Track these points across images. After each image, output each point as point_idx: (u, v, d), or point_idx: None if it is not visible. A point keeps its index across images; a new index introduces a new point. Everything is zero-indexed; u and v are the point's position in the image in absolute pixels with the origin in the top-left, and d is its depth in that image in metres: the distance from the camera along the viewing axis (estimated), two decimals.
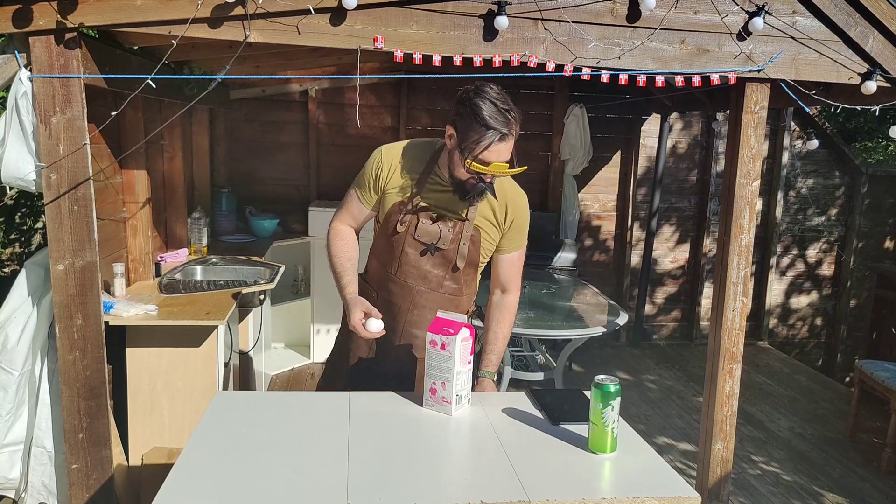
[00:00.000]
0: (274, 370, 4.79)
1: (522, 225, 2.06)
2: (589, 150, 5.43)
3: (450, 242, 1.96)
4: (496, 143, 1.76)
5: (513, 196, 2.01)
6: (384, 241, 2.02)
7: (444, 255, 1.97)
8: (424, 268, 1.98)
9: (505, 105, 1.76)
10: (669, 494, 1.37)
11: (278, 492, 1.32)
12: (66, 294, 2.40)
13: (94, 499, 2.54)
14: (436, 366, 1.72)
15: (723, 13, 2.68)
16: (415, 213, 1.95)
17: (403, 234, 1.96)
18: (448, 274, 2.00)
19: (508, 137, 1.77)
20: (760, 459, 3.93)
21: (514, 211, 2.01)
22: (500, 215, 2.00)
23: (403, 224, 1.95)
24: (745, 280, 3.00)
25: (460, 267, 1.99)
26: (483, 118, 1.75)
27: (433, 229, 1.95)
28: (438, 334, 1.71)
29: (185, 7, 2.26)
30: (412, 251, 1.97)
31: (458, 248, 1.96)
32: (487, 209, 1.97)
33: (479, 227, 1.98)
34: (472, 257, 1.99)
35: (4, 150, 2.33)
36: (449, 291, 2.02)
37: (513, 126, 1.77)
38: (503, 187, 1.99)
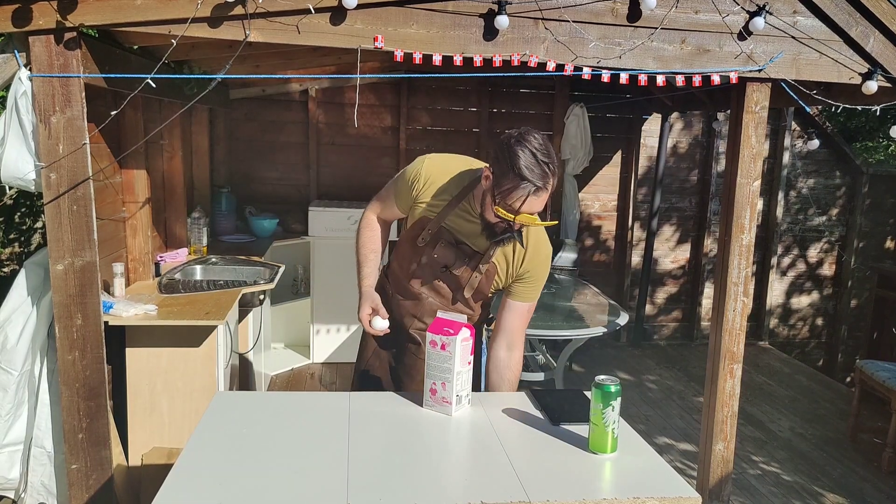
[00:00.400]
0: (274, 370, 4.79)
1: (540, 276, 2.01)
2: (589, 150, 5.43)
3: (462, 270, 1.97)
4: (530, 196, 1.71)
5: (536, 244, 1.97)
6: (406, 246, 2.04)
7: (454, 279, 2.00)
8: (436, 283, 2.02)
9: (545, 158, 1.71)
10: (670, 495, 1.37)
11: (278, 492, 1.32)
12: (65, 294, 2.40)
13: (94, 499, 2.54)
14: (436, 366, 1.71)
15: (723, 13, 2.67)
16: (439, 233, 1.96)
17: (423, 248, 1.98)
18: (455, 297, 2.04)
19: (542, 191, 1.72)
20: (761, 459, 3.92)
21: (533, 259, 1.97)
22: (517, 259, 1.97)
23: (425, 240, 1.97)
24: (745, 280, 3.00)
25: (467, 296, 2.02)
26: (520, 168, 1.69)
27: (450, 253, 1.97)
28: (438, 334, 1.71)
29: (185, 6, 2.25)
30: (427, 267, 2.00)
31: (470, 278, 1.98)
32: (508, 248, 1.95)
33: (496, 262, 1.97)
34: (481, 289, 2.02)
35: (4, 150, 2.33)
36: (459, 309, 2.05)
37: (549, 180, 1.72)
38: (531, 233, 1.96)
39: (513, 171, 1.70)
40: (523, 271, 1.98)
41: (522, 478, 1.40)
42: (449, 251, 1.97)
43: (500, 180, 1.73)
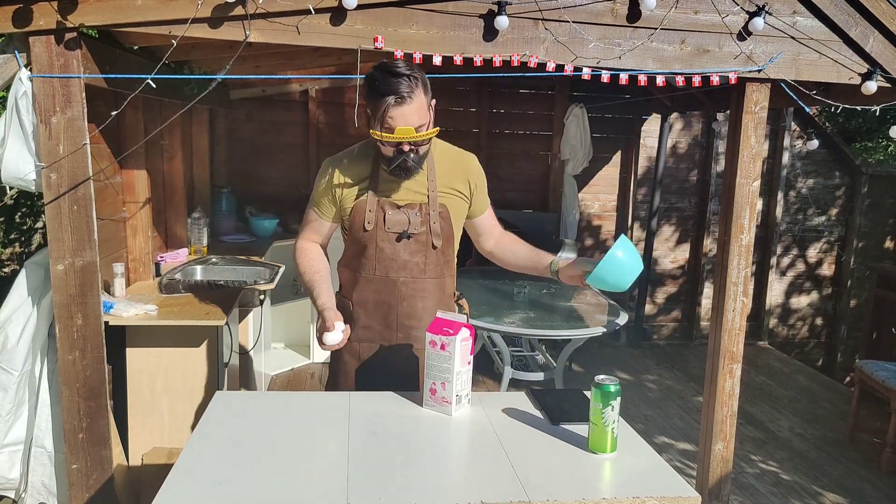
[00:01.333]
0: (274, 370, 4.79)
1: (484, 183, 2.11)
2: (589, 151, 5.43)
3: (420, 225, 1.96)
4: (393, 108, 1.76)
5: (465, 160, 2.06)
6: (355, 245, 2.01)
7: (418, 240, 1.97)
8: (403, 258, 1.98)
9: (405, 70, 1.77)
10: (669, 494, 1.37)
11: (278, 492, 1.32)
12: (66, 294, 2.40)
13: (94, 499, 2.54)
14: (435, 366, 1.71)
15: (723, 13, 2.68)
16: (380, 207, 1.95)
17: (374, 230, 1.96)
18: (427, 258, 2.00)
19: (407, 100, 1.76)
20: (760, 459, 3.93)
21: (473, 173, 2.06)
22: (461, 181, 2.03)
23: (371, 222, 1.95)
24: (745, 280, 3.00)
25: (437, 245, 1.99)
26: (376, 86, 1.77)
27: (401, 217, 1.95)
28: (438, 335, 1.71)
29: (186, 7, 2.26)
30: (387, 245, 1.97)
31: (430, 228, 1.97)
32: (447, 180, 1.99)
33: (445, 201, 1.99)
34: (446, 233, 2.00)
35: (4, 150, 2.33)
36: (433, 275, 2.02)
37: (411, 88, 1.76)
38: (452, 155, 2.04)
39: (374, 92, 1.78)
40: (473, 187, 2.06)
41: (522, 478, 1.40)
42: (399, 216, 1.95)
43: (371, 107, 1.82)
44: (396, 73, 1.76)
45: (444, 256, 2.03)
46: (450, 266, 2.08)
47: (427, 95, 1.83)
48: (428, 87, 1.84)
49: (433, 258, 2.01)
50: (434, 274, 2.02)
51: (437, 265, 2.02)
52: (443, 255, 2.03)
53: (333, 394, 1.86)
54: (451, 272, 2.10)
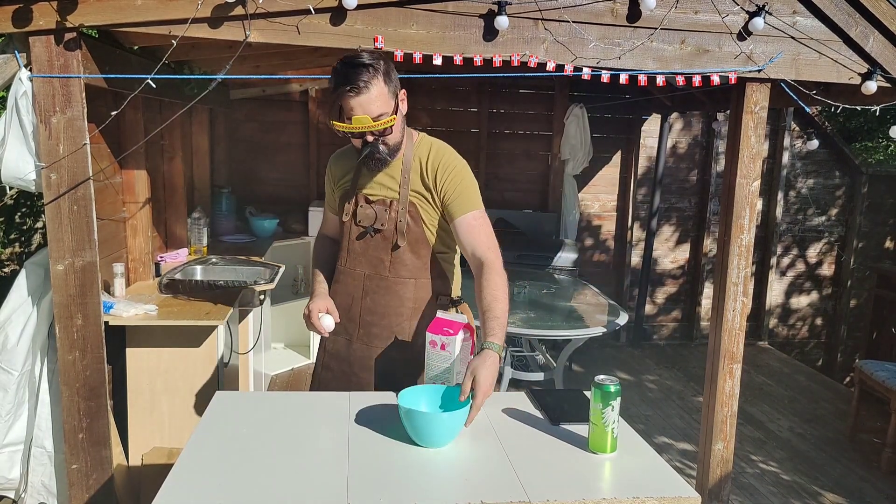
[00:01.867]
0: (274, 370, 4.79)
1: (462, 183, 1.91)
2: (589, 150, 5.43)
3: (387, 222, 1.94)
4: (349, 99, 1.76)
5: (440, 158, 1.93)
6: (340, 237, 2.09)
7: (384, 237, 1.96)
8: (371, 253, 1.98)
9: (366, 60, 1.76)
10: (669, 494, 1.37)
11: (278, 492, 1.32)
12: (66, 294, 2.40)
13: (94, 499, 2.54)
14: (436, 366, 1.71)
15: (723, 13, 2.68)
16: (355, 201, 1.99)
17: (349, 222, 2.00)
18: (392, 257, 1.95)
19: (364, 90, 1.75)
20: (760, 459, 3.93)
21: (444, 172, 1.90)
22: (430, 181, 1.92)
23: (347, 214, 2.00)
24: (745, 280, 3.00)
25: (401, 245, 1.93)
26: (335, 78, 1.78)
27: (370, 212, 1.96)
28: (438, 334, 1.70)
29: (185, 7, 2.26)
30: (356, 238, 2.00)
31: (396, 225, 1.93)
32: (419, 179, 1.94)
33: (415, 200, 1.93)
34: (414, 234, 1.93)
35: (4, 150, 2.33)
36: (402, 275, 1.95)
37: (368, 78, 1.74)
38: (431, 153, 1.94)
39: (333, 84, 1.79)
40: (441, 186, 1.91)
41: (522, 478, 1.40)
42: (368, 210, 1.97)
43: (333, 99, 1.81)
44: (356, 64, 1.76)
45: (418, 259, 1.95)
46: (427, 269, 1.98)
47: (389, 84, 1.80)
48: (392, 76, 1.81)
49: (399, 257, 1.95)
50: (401, 274, 1.95)
51: (404, 266, 1.95)
52: (415, 256, 1.95)
53: (333, 394, 1.86)
54: (427, 275, 1.99)
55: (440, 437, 1.51)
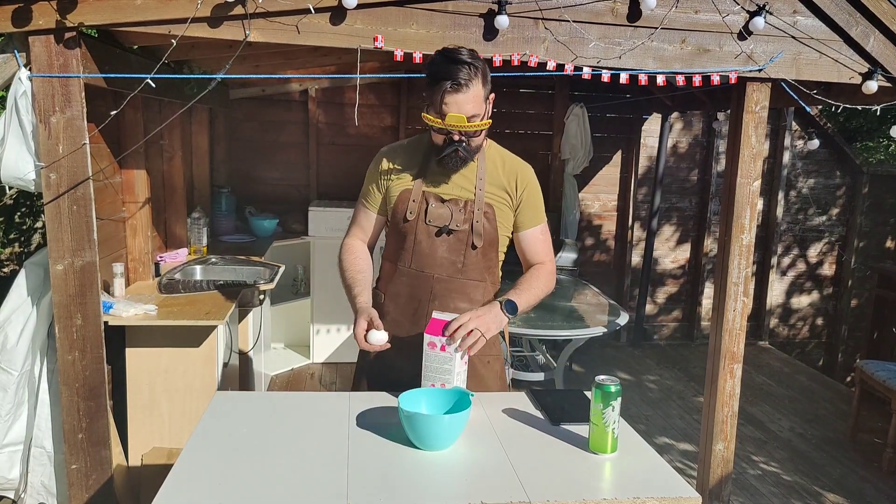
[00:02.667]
0: (274, 370, 4.79)
1: (536, 196, 1.99)
2: (589, 150, 5.43)
3: (462, 223, 1.90)
4: (449, 94, 1.73)
5: (518, 166, 1.99)
6: (395, 237, 1.98)
7: (458, 238, 1.91)
8: (440, 254, 1.91)
9: (467, 57, 1.74)
10: (670, 495, 1.37)
11: (278, 492, 1.31)
12: (65, 294, 2.40)
13: (94, 499, 2.54)
14: (435, 367, 1.70)
15: (723, 13, 2.67)
16: (423, 199, 1.91)
17: (414, 221, 1.91)
18: (465, 258, 1.92)
19: (463, 88, 1.73)
20: (761, 460, 3.92)
21: (524, 181, 1.96)
22: (509, 186, 1.95)
23: (413, 212, 1.90)
24: (745, 280, 3.00)
25: (478, 245, 1.91)
26: (434, 71, 1.75)
27: (444, 212, 1.89)
28: (437, 335, 1.69)
29: (185, 6, 2.25)
30: (425, 238, 1.91)
31: (473, 226, 1.90)
32: (496, 182, 1.94)
33: (491, 202, 1.92)
34: (489, 235, 1.92)
35: (4, 150, 2.33)
36: (470, 277, 1.94)
37: (471, 77, 1.74)
38: (505, 159, 1.98)
39: (431, 77, 1.76)
40: (520, 193, 1.95)
41: (522, 478, 1.40)
42: (442, 210, 1.90)
43: (428, 92, 1.78)
44: (457, 60, 1.73)
45: (485, 260, 1.96)
46: (492, 272, 2.00)
47: (485, 87, 1.79)
48: (488, 78, 1.80)
49: (472, 259, 1.93)
50: (472, 276, 1.95)
51: (476, 267, 1.94)
52: (484, 257, 1.95)
53: (333, 394, 1.86)
54: (494, 279, 2.01)
55: (441, 441, 1.51)
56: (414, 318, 1.95)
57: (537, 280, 1.97)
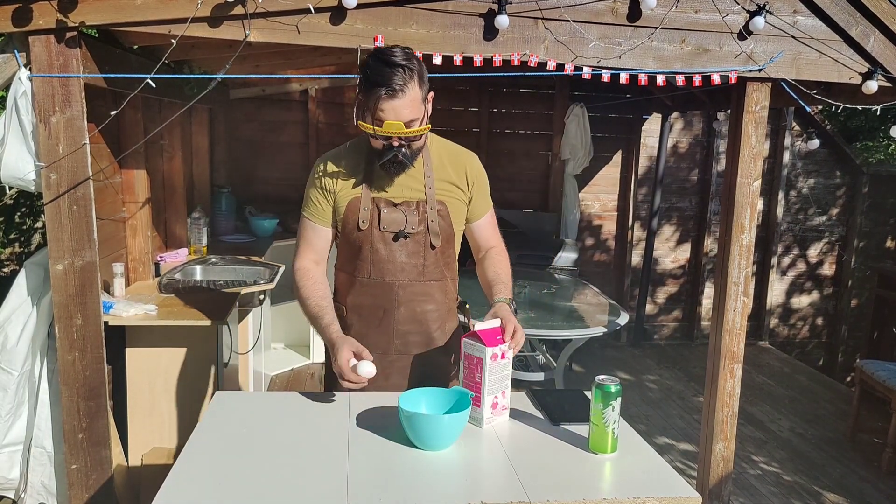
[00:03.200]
0: (274, 370, 4.78)
1: (485, 184, 2.00)
2: (589, 150, 5.43)
3: (418, 224, 1.86)
4: (384, 100, 1.66)
5: (465, 157, 1.96)
6: (349, 247, 1.91)
7: (415, 240, 1.87)
8: (399, 260, 1.87)
9: (402, 60, 1.67)
10: (670, 495, 1.36)
11: (278, 492, 1.31)
12: (65, 294, 2.40)
13: (94, 499, 2.54)
14: (497, 378, 1.64)
15: (724, 12, 2.67)
16: (374, 205, 1.85)
17: (368, 229, 1.85)
18: (425, 260, 1.90)
19: (399, 94, 1.66)
20: (761, 459, 3.92)
21: (473, 172, 1.95)
22: (459, 180, 1.93)
23: (365, 221, 1.84)
24: (745, 280, 3.00)
25: (437, 245, 1.88)
26: (369, 76, 1.68)
27: (398, 216, 1.85)
28: (496, 346, 1.63)
29: (185, 6, 2.25)
30: (382, 245, 1.86)
31: (428, 226, 1.87)
32: (445, 177, 1.90)
33: (443, 199, 1.89)
34: (445, 232, 1.90)
35: (4, 150, 2.33)
36: (433, 278, 1.92)
37: (406, 81, 1.66)
38: (450, 152, 1.94)
39: (366, 82, 1.69)
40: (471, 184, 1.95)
41: (522, 478, 1.40)
42: (395, 214, 1.85)
43: (363, 97, 1.72)
44: (391, 63, 1.66)
45: (444, 257, 1.93)
46: (451, 268, 1.98)
47: (423, 88, 1.72)
48: (425, 78, 1.73)
49: (432, 259, 1.90)
50: (434, 276, 1.92)
51: (436, 267, 1.92)
52: (443, 255, 1.92)
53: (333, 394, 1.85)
54: (453, 275, 2.00)
55: (441, 441, 1.51)
56: (380, 329, 1.91)
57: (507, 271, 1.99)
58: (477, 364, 1.64)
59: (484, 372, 1.62)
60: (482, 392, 1.63)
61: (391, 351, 1.93)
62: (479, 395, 1.63)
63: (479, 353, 1.63)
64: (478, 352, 1.63)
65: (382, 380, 1.85)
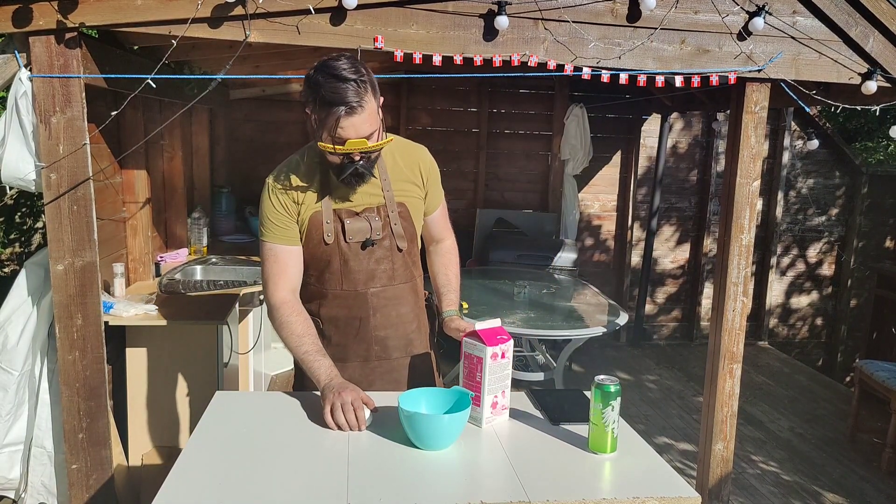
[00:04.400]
0: (274, 370, 4.78)
1: (437, 177, 1.97)
2: (589, 150, 5.43)
3: (382, 230, 1.84)
4: (345, 118, 1.61)
5: (415, 152, 1.93)
6: (316, 261, 1.86)
7: (382, 246, 1.85)
8: (369, 267, 1.85)
9: (352, 74, 1.61)
10: (670, 494, 1.37)
11: (278, 492, 1.32)
12: (65, 294, 2.40)
13: (94, 499, 2.54)
14: (497, 377, 1.64)
15: (723, 13, 2.68)
16: (337, 217, 1.81)
17: (334, 243, 1.82)
18: (394, 263, 1.88)
19: (358, 109, 1.61)
20: (760, 459, 3.93)
21: (426, 167, 1.93)
22: (414, 177, 1.90)
23: (330, 234, 1.80)
24: (745, 280, 3.00)
25: (403, 248, 1.87)
26: (323, 95, 1.61)
27: (362, 225, 1.82)
28: (497, 345, 1.63)
29: (185, 7, 2.26)
30: (350, 257, 1.83)
31: (392, 230, 1.85)
32: (401, 177, 1.88)
33: (403, 200, 1.88)
34: (409, 233, 1.89)
35: (4, 150, 2.33)
36: (402, 280, 1.91)
37: (362, 96, 1.62)
38: (401, 150, 1.90)
39: (320, 101, 1.63)
40: (425, 180, 1.93)
41: (522, 478, 1.40)
42: (359, 223, 1.82)
43: (317, 116, 1.65)
44: (343, 78, 1.60)
45: (410, 257, 1.92)
46: (417, 266, 1.96)
47: (376, 98, 1.68)
48: (376, 87, 1.69)
49: (400, 262, 1.89)
50: (404, 278, 1.91)
51: (405, 268, 1.91)
52: (409, 255, 1.91)
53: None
54: (420, 272, 1.99)
55: (441, 441, 1.51)
56: (358, 338, 1.90)
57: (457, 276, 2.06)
58: (477, 363, 1.64)
59: (484, 371, 1.62)
60: (482, 391, 1.63)
61: (371, 357, 1.92)
62: (479, 394, 1.63)
63: (479, 353, 1.63)
64: (478, 351, 1.63)
65: (366, 386, 1.80)
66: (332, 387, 1.63)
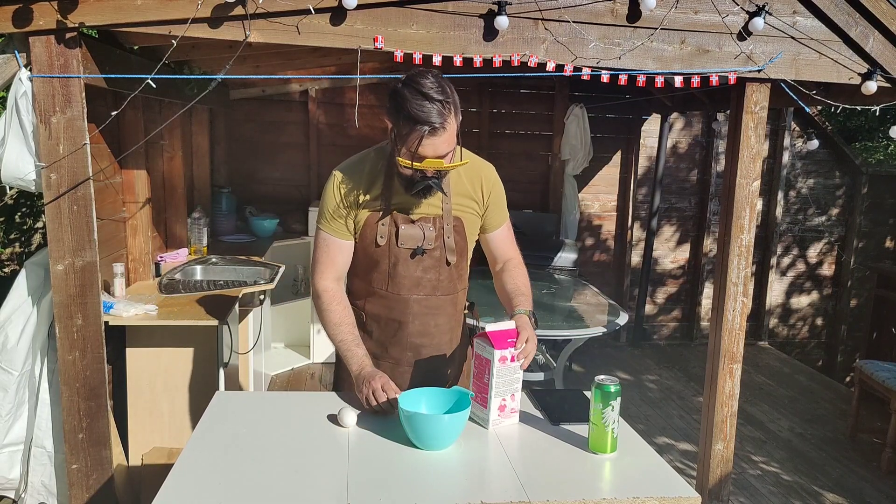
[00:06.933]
0: (274, 370, 4.79)
1: (502, 196, 1.97)
2: (589, 151, 5.43)
3: (434, 240, 1.86)
4: (427, 138, 1.63)
5: (481, 168, 1.93)
6: (366, 259, 1.90)
7: (431, 256, 1.87)
8: (416, 275, 1.88)
9: (439, 95, 1.63)
10: (670, 494, 1.37)
11: (278, 492, 1.32)
12: (65, 294, 2.40)
13: (94, 499, 2.54)
14: (505, 381, 1.64)
15: (723, 13, 2.68)
16: (392, 221, 1.84)
17: (386, 246, 1.85)
18: (440, 274, 1.90)
19: (440, 131, 1.63)
20: (760, 459, 3.93)
21: (489, 183, 1.92)
22: (475, 192, 1.91)
23: (384, 236, 1.84)
24: (745, 280, 3.00)
25: (452, 262, 1.89)
26: (409, 111, 1.62)
27: (415, 232, 1.84)
28: (506, 348, 1.63)
29: (185, 7, 2.26)
30: (399, 261, 1.86)
31: (444, 242, 1.87)
32: (462, 192, 1.88)
33: (460, 214, 1.89)
34: (460, 247, 1.91)
35: (4, 150, 2.33)
36: (446, 292, 1.93)
37: (445, 118, 1.63)
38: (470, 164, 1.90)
39: (405, 117, 1.64)
40: (487, 196, 1.92)
41: (522, 478, 1.40)
42: (413, 230, 1.84)
43: (398, 129, 1.68)
44: (430, 98, 1.62)
45: (457, 271, 1.94)
46: (462, 280, 1.99)
47: (458, 119, 1.69)
48: (458, 108, 1.70)
49: (447, 274, 1.91)
50: (447, 290, 1.93)
51: (450, 281, 1.93)
52: (456, 269, 1.93)
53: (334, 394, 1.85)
54: (464, 286, 2.01)
55: (441, 441, 1.51)
56: (395, 339, 1.94)
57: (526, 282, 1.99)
58: (485, 365, 1.64)
59: (491, 373, 1.62)
60: (489, 393, 1.62)
61: (403, 362, 1.96)
62: (487, 395, 1.63)
63: (487, 355, 1.63)
64: (486, 353, 1.63)
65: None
66: (363, 377, 1.71)
